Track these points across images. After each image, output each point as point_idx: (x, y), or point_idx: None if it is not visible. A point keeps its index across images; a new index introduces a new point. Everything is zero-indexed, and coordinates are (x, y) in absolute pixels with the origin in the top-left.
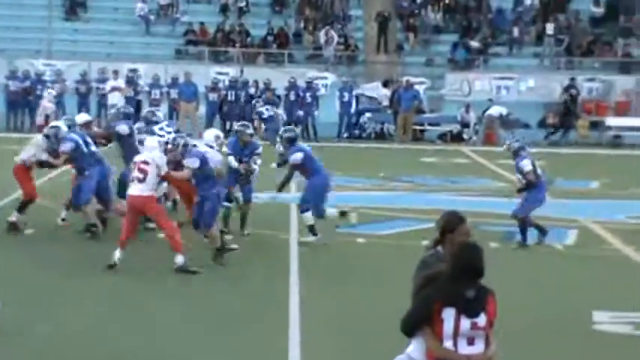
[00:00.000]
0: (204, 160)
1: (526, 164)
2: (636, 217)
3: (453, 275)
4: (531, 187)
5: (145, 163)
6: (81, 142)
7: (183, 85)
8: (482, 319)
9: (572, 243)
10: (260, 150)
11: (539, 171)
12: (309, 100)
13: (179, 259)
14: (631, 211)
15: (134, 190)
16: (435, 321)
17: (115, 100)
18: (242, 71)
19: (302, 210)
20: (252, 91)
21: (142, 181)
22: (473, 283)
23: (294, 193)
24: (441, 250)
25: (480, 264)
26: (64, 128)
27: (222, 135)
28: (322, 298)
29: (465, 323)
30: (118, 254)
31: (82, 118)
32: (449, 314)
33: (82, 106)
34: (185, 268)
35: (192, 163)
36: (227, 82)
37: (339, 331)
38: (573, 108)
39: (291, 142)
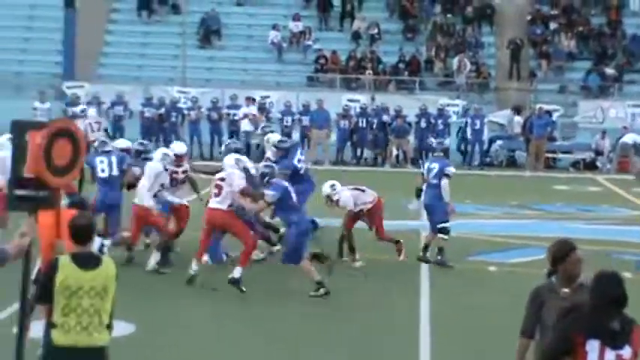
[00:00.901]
0: (285, 193)
1: None
2: None
3: (596, 306)
4: None
5: (222, 179)
6: None
7: (315, 112)
8: (627, 351)
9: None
10: None
11: None
12: (440, 127)
13: (237, 272)
14: None
15: (212, 204)
16: (577, 353)
17: (247, 127)
18: (373, 98)
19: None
20: (385, 118)
21: (217, 195)
22: (617, 314)
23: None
24: (554, 280)
25: (623, 293)
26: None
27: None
28: (452, 319)
29: (610, 355)
30: (194, 266)
31: (121, 143)
32: (593, 346)
33: (215, 132)
34: (237, 283)
35: (271, 196)
36: (358, 109)
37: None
38: None
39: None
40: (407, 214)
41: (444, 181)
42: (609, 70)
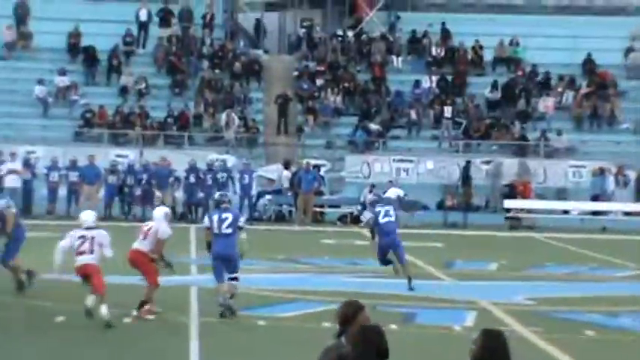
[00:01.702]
0: None
1: None
2: (534, 299)
3: (360, 357)
4: None
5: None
6: None
7: (86, 167)
8: None
9: (471, 324)
10: None
11: None
12: (209, 182)
13: None
14: (529, 292)
15: None
16: None
17: (12, 183)
18: (142, 153)
19: None
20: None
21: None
22: None
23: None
24: (344, 340)
25: (385, 345)
26: None
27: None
28: None
29: None
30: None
31: None
32: None
33: None
34: None
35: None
36: (126, 165)
37: None
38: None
39: None
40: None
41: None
42: (374, 126)
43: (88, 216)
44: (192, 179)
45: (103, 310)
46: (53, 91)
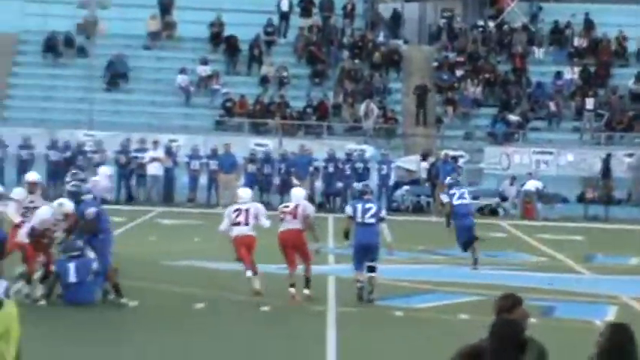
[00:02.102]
0: None
1: None
2: None
3: (496, 350)
4: None
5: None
6: None
7: (222, 156)
8: None
9: (612, 319)
10: None
11: None
12: (347, 172)
13: None
14: None
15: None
16: None
17: (154, 170)
18: (281, 142)
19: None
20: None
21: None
22: (517, 358)
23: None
24: None
25: (522, 338)
26: None
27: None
28: None
29: None
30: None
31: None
32: None
33: (122, 176)
34: None
35: None
36: (262, 155)
37: None
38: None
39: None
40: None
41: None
42: (514, 117)
43: (245, 192)
44: (330, 169)
45: (256, 284)
46: (195, 81)
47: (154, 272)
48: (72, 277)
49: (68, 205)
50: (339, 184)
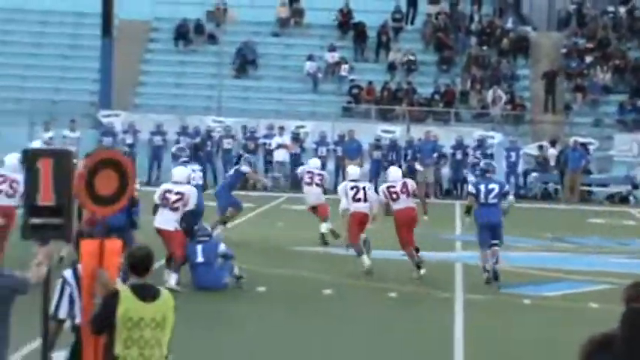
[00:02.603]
0: None
1: None
2: None
3: (627, 339)
4: None
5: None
6: None
7: (347, 142)
8: None
9: None
10: None
11: None
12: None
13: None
14: None
15: None
16: None
17: (281, 157)
18: (408, 129)
19: None
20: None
21: None
22: None
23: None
24: None
25: None
26: None
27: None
28: (486, 352)
29: None
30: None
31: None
32: None
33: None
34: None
35: None
36: (388, 141)
37: None
38: None
39: None
40: (441, 246)
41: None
42: None
43: (354, 170)
44: (458, 156)
45: (366, 260)
46: (323, 67)
47: (281, 258)
48: (199, 257)
49: None
50: (466, 171)
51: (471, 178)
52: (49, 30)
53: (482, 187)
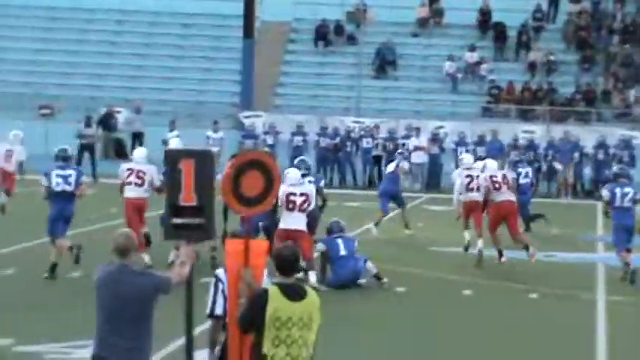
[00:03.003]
0: None
1: None
2: None
3: None
4: None
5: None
6: None
7: (489, 142)
8: None
9: None
10: None
11: None
12: (626, 159)
13: None
14: None
15: None
16: None
17: (419, 158)
18: (548, 129)
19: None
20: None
21: None
22: None
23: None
24: None
25: None
26: None
27: None
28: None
29: None
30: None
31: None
32: None
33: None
34: None
35: None
36: (526, 142)
37: None
38: None
39: None
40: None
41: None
42: None
43: (469, 158)
44: (600, 156)
45: (479, 243)
46: (462, 67)
47: (421, 258)
48: (342, 251)
49: None
50: (608, 172)
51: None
52: (191, 32)
53: (617, 191)
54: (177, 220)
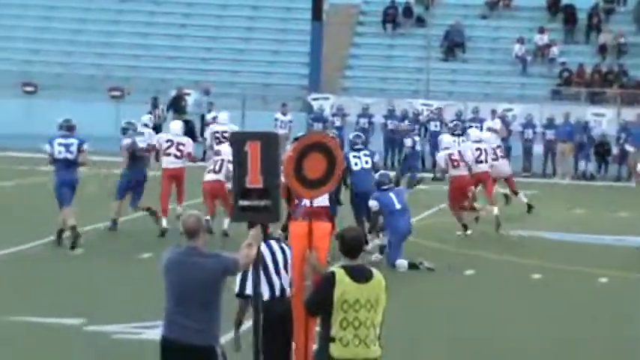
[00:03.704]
0: None
1: None
2: None
3: None
4: None
5: None
6: None
7: (561, 125)
8: None
9: None
10: None
11: None
12: None
13: None
14: None
15: None
16: None
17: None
18: (619, 112)
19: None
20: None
21: None
22: None
23: None
24: None
25: None
26: None
27: None
28: None
29: None
30: None
31: None
32: None
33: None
34: None
35: None
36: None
37: None
38: None
39: None
40: None
41: None
42: None
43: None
44: None
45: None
46: (532, 50)
47: (490, 242)
48: (396, 205)
49: None
50: None
51: None
52: (260, 15)
53: None
54: (243, 203)
